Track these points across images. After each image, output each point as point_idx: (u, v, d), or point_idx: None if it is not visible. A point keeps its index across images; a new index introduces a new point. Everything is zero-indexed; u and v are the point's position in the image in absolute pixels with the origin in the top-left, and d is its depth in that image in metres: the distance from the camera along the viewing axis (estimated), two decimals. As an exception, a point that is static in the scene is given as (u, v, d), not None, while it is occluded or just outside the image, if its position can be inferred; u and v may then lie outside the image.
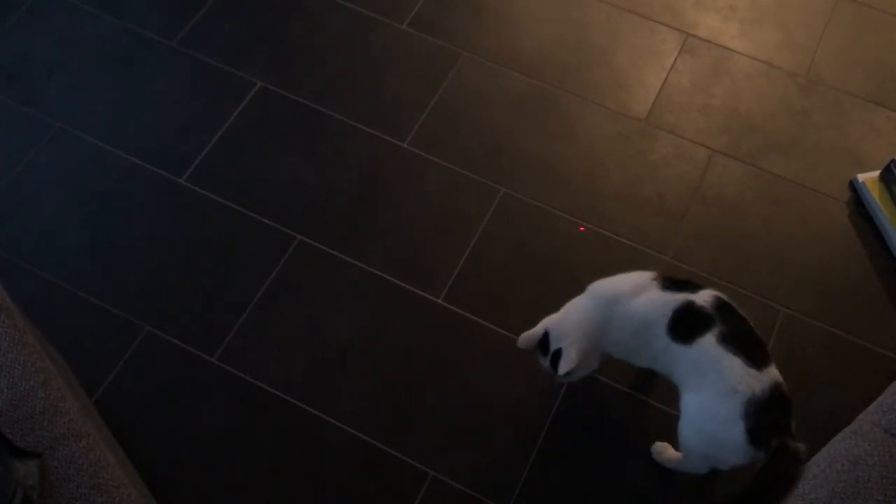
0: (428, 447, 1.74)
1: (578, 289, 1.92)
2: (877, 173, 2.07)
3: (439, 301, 1.91)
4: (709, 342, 1.44)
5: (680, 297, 1.50)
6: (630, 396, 1.81)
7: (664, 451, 1.69)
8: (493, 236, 2.00)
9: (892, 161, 2.03)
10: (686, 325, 1.48)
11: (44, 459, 1.22)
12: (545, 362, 1.64)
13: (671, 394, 1.60)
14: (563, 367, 1.56)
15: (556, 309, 1.70)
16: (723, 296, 1.52)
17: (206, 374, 1.81)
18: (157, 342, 1.84)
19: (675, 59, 2.29)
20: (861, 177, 2.08)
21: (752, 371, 1.41)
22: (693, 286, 1.53)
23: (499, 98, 2.21)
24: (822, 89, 2.25)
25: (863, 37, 2.34)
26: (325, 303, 1.91)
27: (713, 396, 1.43)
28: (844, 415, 1.44)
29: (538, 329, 1.63)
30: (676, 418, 1.55)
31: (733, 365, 1.41)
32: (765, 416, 1.38)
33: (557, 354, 1.58)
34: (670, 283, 1.55)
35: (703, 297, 1.50)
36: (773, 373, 1.43)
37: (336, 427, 1.76)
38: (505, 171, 2.10)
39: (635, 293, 1.55)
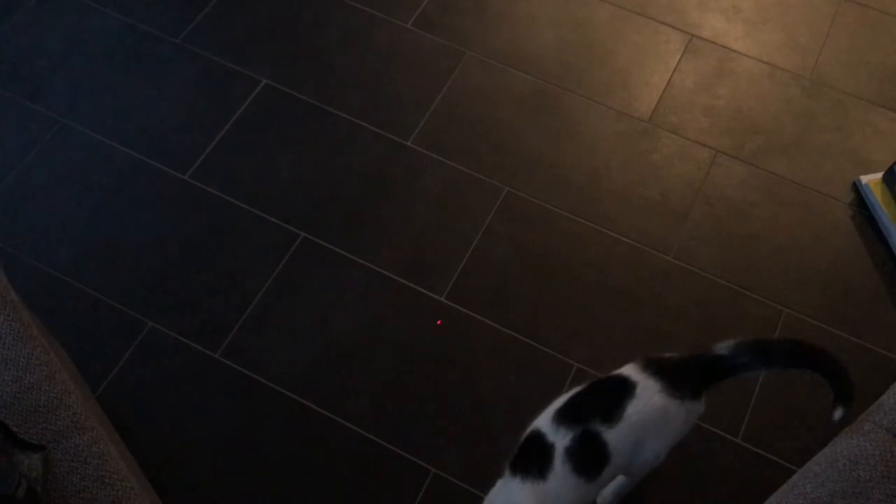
0: (430, 444, 1.74)
1: (580, 288, 1.93)
2: (880, 175, 2.07)
3: (442, 299, 1.91)
4: (613, 432, 1.38)
5: (560, 451, 1.37)
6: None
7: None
8: (496, 235, 2.00)
9: (895, 163, 2.03)
10: (587, 456, 1.38)
11: (47, 452, 1.23)
12: None
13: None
14: None
15: (556, 310, 1.70)
16: (556, 406, 1.43)
17: (209, 370, 1.81)
18: (160, 338, 1.85)
19: (679, 59, 2.29)
20: (864, 178, 2.08)
21: (645, 385, 1.39)
22: (539, 438, 1.41)
23: (503, 97, 2.22)
24: (825, 91, 2.25)
25: (867, 39, 2.35)
26: (328, 300, 1.91)
27: (658, 422, 1.40)
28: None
29: None
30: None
31: (638, 404, 1.38)
32: (676, 373, 1.41)
33: None
34: (524, 464, 1.41)
35: (558, 434, 1.39)
36: (629, 369, 1.43)
37: (338, 424, 1.76)
38: (508, 170, 2.10)
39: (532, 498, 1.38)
